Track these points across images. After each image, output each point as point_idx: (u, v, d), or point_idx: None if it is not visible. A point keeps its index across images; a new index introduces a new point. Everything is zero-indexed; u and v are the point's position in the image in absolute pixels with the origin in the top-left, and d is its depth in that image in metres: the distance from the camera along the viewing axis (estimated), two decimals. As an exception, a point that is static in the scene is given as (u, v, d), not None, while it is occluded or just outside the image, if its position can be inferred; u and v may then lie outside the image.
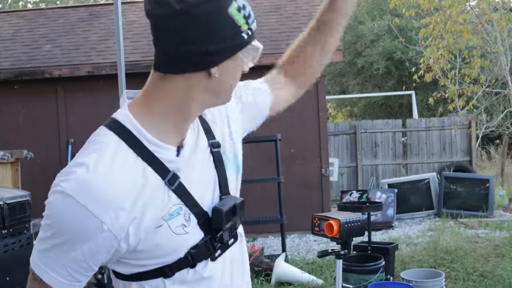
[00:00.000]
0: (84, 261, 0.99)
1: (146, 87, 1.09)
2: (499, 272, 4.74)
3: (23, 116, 7.20)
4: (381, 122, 10.61)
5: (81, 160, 0.98)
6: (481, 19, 8.20)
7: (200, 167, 1.10)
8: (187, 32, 0.95)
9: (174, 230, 1.03)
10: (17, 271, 3.37)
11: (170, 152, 1.05)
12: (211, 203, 1.10)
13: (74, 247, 0.97)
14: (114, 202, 0.96)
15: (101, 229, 0.95)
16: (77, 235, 0.96)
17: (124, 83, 4.13)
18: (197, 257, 1.08)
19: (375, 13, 17.66)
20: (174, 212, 1.04)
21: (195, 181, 1.08)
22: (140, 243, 1.00)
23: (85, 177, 0.95)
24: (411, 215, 7.81)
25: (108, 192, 0.95)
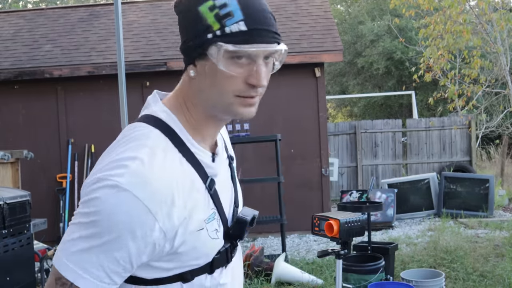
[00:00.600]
0: (128, 262, 0.93)
1: (179, 87, 1.08)
2: (499, 272, 4.74)
3: (23, 116, 7.20)
4: (381, 122, 10.61)
5: (131, 154, 0.93)
6: (481, 19, 8.20)
7: (224, 177, 1.13)
8: (180, 27, 1.03)
9: (210, 234, 1.03)
10: (17, 271, 3.37)
11: (208, 156, 1.05)
12: (229, 213, 1.12)
13: (121, 246, 0.90)
14: (169, 200, 0.93)
15: (153, 227, 0.92)
16: (128, 233, 0.90)
17: (124, 83, 4.13)
18: (217, 263, 1.07)
19: (375, 13, 17.66)
20: (211, 216, 1.04)
21: (223, 189, 1.10)
22: (183, 245, 0.98)
23: (141, 171, 0.91)
24: (411, 215, 7.81)
25: (164, 189, 0.92)
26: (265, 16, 0.97)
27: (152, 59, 7.06)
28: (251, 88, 0.98)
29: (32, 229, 3.72)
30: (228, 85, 0.97)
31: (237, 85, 0.97)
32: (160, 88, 1.24)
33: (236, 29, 0.94)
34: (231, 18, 0.94)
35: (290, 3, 8.34)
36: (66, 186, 7.03)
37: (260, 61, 0.97)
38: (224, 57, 0.96)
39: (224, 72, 0.96)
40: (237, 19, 0.94)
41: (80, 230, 0.91)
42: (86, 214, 0.91)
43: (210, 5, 0.95)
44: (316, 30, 7.58)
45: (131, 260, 0.93)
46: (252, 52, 0.95)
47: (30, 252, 3.62)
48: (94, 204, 0.90)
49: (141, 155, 0.93)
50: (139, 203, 0.89)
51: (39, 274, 4.08)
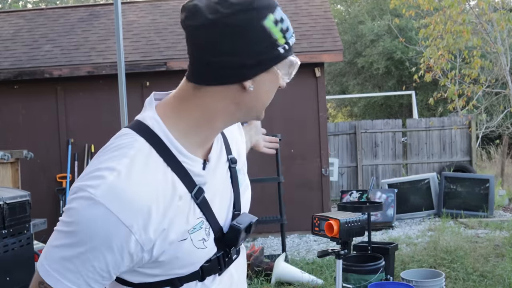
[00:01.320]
0: (105, 271, 0.94)
1: (177, 94, 1.05)
2: (499, 272, 4.74)
3: (23, 116, 7.20)
4: (381, 122, 10.61)
5: (111, 164, 0.94)
6: (481, 19, 8.20)
7: (220, 182, 1.11)
8: (222, 43, 0.94)
9: (195, 244, 1.02)
10: (17, 271, 3.37)
11: (197, 164, 1.04)
12: (226, 219, 1.10)
13: (97, 257, 0.92)
14: (145, 213, 0.93)
15: (128, 239, 0.92)
16: (103, 245, 0.91)
17: (124, 83, 4.13)
18: (208, 271, 1.07)
19: (375, 13, 17.66)
20: (197, 226, 1.03)
21: (216, 196, 1.08)
22: (163, 255, 0.98)
23: (116, 184, 0.91)
24: (411, 215, 7.81)
25: (140, 201, 0.92)
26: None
27: (152, 59, 7.06)
28: None
29: (32, 229, 3.72)
30: (272, 95, 1.07)
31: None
32: (160, 88, 1.24)
33: (291, 43, 1.01)
34: (289, 32, 1.00)
35: (290, 3, 8.34)
36: (66, 186, 7.03)
37: None
38: (287, 69, 1.04)
39: (274, 82, 1.03)
40: (292, 33, 1.01)
41: (61, 238, 0.93)
42: (66, 223, 0.93)
43: (274, 20, 0.97)
44: (316, 30, 7.58)
45: (108, 270, 0.94)
46: (295, 62, 1.04)
47: (30, 252, 3.62)
48: (71, 214, 0.92)
49: (120, 167, 0.93)
50: (112, 216, 0.90)
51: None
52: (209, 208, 1.05)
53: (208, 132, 1.05)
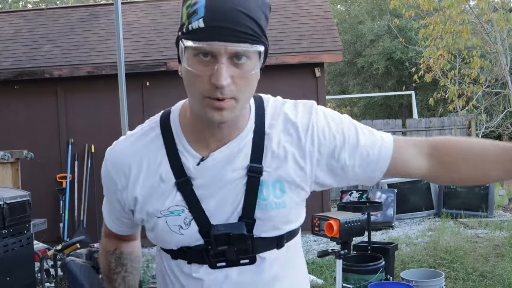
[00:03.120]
0: (117, 211, 1.18)
1: None
2: (499, 272, 4.75)
3: (23, 116, 7.20)
4: (381, 122, 10.61)
5: (122, 137, 1.17)
6: (481, 19, 8.20)
7: (224, 182, 1.08)
8: None
9: (170, 227, 1.09)
10: (17, 271, 3.37)
11: (192, 159, 1.08)
12: (225, 219, 1.09)
13: (110, 199, 1.18)
14: (126, 171, 1.11)
15: (116, 189, 1.13)
16: (108, 191, 1.17)
17: (124, 83, 4.13)
18: (191, 257, 1.12)
19: (375, 13, 17.66)
20: (175, 212, 1.09)
21: (212, 193, 1.08)
22: (146, 222, 1.13)
23: (114, 145, 1.16)
24: (411, 215, 7.81)
25: (123, 159, 1.12)
26: (232, 14, 0.93)
27: (152, 59, 7.06)
28: (216, 89, 0.95)
29: (32, 229, 3.72)
30: (196, 85, 0.97)
31: (204, 85, 0.96)
32: (160, 88, 1.26)
33: (196, 26, 0.94)
34: (195, 15, 0.95)
35: (290, 3, 8.34)
36: (66, 186, 7.03)
37: (222, 59, 0.94)
38: (189, 54, 0.97)
39: (192, 70, 0.97)
40: (199, 16, 0.94)
41: None
42: None
43: (188, 3, 0.97)
44: (316, 30, 7.58)
45: (119, 209, 1.18)
46: (210, 49, 0.94)
47: (30, 252, 3.62)
48: None
49: (121, 138, 1.16)
50: (107, 171, 1.14)
51: (39, 274, 4.08)
52: (195, 201, 1.08)
53: (205, 127, 1.06)
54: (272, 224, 1.10)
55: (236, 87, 0.97)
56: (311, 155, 1.11)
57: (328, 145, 1.11)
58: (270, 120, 1.12)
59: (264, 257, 1.13)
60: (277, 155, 1.09)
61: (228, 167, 1.08)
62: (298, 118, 1.12)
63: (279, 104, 1.15)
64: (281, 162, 1.09)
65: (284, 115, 1.12)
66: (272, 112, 1.13)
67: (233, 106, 0.99)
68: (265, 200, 1.08)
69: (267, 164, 1.09)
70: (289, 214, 1.12)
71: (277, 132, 1.10)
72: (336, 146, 1.11)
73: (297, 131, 1.11)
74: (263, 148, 1.09)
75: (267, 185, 1.09)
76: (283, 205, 1.10)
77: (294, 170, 1.10)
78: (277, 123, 1.12)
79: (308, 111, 1.14)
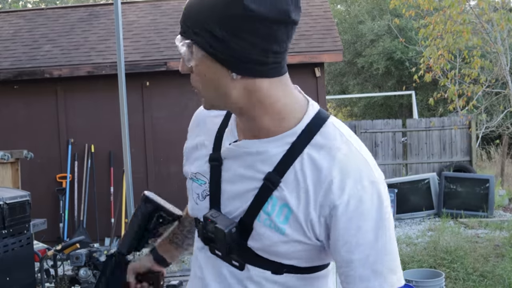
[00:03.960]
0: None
1: None
2: (499, 272, 4.74)
3: (23, 116, 7.19)
4: (381, 122, 10.60)
5: None
6: (481, 19, 8.20)
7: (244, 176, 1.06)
8: None
9: (192, 192, 1.16)
10: (17, 271, 3.37)
11: (232, 138, 1.10)
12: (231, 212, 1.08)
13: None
14: (194, 125, 1.23)
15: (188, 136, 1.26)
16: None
17: (124, 83, 4.13)
18: (199, 232, 1.16)
19: (375, 13, 17.66)
20: (199, 180, 1.14)
21: (234, 181, 1.08)
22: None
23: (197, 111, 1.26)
24: (411, 215, 7.81)
25: (196, 118, 1.24)
26: (186, 7, 1.01)
27: (152, 59, 7.06)
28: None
29: (32, 229, 3.72)
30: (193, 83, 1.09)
31: None
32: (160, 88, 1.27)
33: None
34: None
35: (290, 3, 8.32)
36: (66, 186, 7.02)
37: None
38: None
39: None
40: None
41: None
42: None
43: None
44: (316, 30, 7.57)
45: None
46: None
47: (30, 252, 3.62)
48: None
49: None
50: (192, 120, 1.26)
51: (39, 274, 4.07)
52: (218, 180, 1.09)
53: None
54: (265, 244, 1.04)
55: (194, 77, 1.04)
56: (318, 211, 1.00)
57: (338, 233, 0.99)
58: (315, 145, 1.02)
59: (250, 271, 1.08)
60: (298, 181, 1.01)
61: (252, 164, 1.05)
62: (342, 182, 0.98)
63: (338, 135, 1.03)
64: (298, 190, 1.01)
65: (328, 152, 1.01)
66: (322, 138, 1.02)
67: (199, 95, 1.06)
68: (267, 215, 1.03)
69: (285, 182, 1.02)
70: (289, 247, 1.03)
71: (311, 161, 1.01)
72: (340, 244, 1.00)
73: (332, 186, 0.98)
74: (291, 164, 1.02)
75: (274, 203, 1.03)
76: (281, 231, 1.02)
77: (303, 207, 1.00)
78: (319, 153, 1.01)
79: (363, 190, 0.98)
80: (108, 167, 7.06)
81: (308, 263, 1.07)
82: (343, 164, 0.99)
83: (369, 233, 0.98)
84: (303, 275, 1.08)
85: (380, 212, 0.99)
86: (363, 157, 1.02)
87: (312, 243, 1.03)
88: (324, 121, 1.05)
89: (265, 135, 1.04)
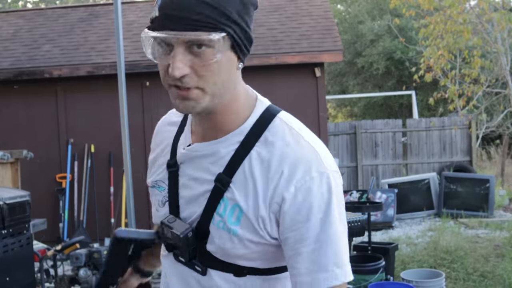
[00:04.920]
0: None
1: None
2: (499, 272, 4.74)
3: (23, 116, 7.19)
4: (381, 122, 10.60)
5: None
6: (481, 19, 8.19)
7: (195, 178, 1.06)
8: None
9: (154, 199, 1.16)
10: (17, 271, 3.36)
11: (186, 143, 1.10)
12: (189, 216, 1.06)
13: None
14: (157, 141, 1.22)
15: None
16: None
17: (124, 83, 4.13)
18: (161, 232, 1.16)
19: (375, 13, 17.65)
20: (160, 188, 1.14)
21: (190, 186, 1.07)
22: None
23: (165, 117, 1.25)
24: (411, 215, 7.81)
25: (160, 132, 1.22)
26: (185, 2, 0.90)
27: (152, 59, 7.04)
28: (176, 78, 0.94)
29: (31, 229, 3.72)
30: (161, 75, 0.99)
31: (167, 74, 0.96)
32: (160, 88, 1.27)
33: (154, 15, 0.94)
34: (156, 4, 0.94)
35: (290, 3, 8.33)
36: (65, 186, 7.02)
37: (178, 49, 0.92)
38: (153, 44, 0.97)
39: (153, 60, 0.98)
40: (157, 5, 0.94)
41: None
42: None
43: None
44: (316, 30, 7.57)
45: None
46: (163, 38, 0.93)
47: (30, 252, 3.62)
48: None
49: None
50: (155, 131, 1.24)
51: (38, 274, 4.07)
52: (175, 186, 1.09)
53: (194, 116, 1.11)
54: (221, 247, 1.02)
55: (198, 76, 0.94)
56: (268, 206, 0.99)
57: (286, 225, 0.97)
58: (264, 141, 1.01)
59: (212, 276, 1.06)
60: (247, 181, 1.00)
61: (204, 166, 1.04)
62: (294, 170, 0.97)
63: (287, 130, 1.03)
64: (247, 190, 1.00)
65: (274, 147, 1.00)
66: (271, 134, 1.02)
67: (199, 96, 0.95)
68: (220, 217, 1.01)
69: (235, 182, 1.01)
70: (243, 249, 1.01)
71: (258, 158, 1.00)
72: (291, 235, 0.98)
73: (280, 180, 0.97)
74: (240, 164, 1.01)
75: (226, 204, 1.01)
76: (234, 233, 1.00)
77: (252, 206, 0.99)
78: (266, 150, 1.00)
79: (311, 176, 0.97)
80: (108, 167, 7.06)
81: (268, 264, 1.06)
82: (291, 157, 0.98)
83: (316, 226, 0.96)
84: (266, 276, 1.06)
85: (329, 204, 0.98)
86: (313, 148, 1.01)
87: (266, 242, 1.01)
88: (272, 117, 1.04)
89: (223, 134, 1.03)
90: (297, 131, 1.03)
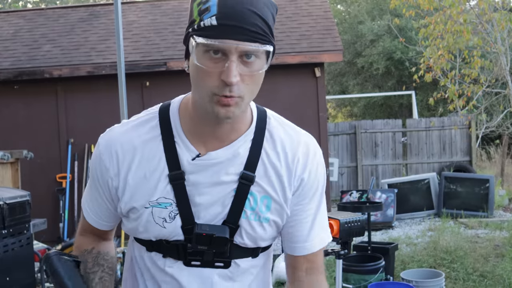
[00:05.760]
0: (102, 199, 1.17)
1: None
2: (499, 272, 4.74)
3: (23, 116, 7.20)
4: (381, 122, 10.60)
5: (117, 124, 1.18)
6: (481, 19, 8.19)
7: (216, 184, 1.10)
8: None
9: (155, 218, 1.10)
10: (17, 271, 3.37)
11: (190, 153, 1.09)
12: (209, 220, 1.11)
13: (97, 185, 1.15)
14: (115, 157, 1.11)
15: (107, 175, 1.12)
16: (97, 176, 1.14)
17: (124, 83, 4.13)
18: (167, 251, 1.13)
19: (375, 13, 17.65)
20: (163, 204, 1.10)
21: (202, 192, 1.10)
22: (129, 211, 1.13)
23: (107, 133, 1.15)
24: (411, 215, 7.81)
25: (114, 146, 1.11)
26: (243, 13, 0.95)
27: (152, 59, 7.06)
28: (225, 86, 0.97)
29: (32, 229, 3.72)
30: (206, 81, 0.99)
31: (213, 82, 0.98)
32: (160, 88, 1.26)
33: (208, 23, 0.96)
34: (207, 13, 0.97)
35: (290, 3, 8.33)
36: (66, 186, 7.03)
37: (233, 57, 0.96)
38: (199, 51, 0.98)
39: (201, 67, 0.98)
40: (211, 14, 0.96)
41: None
42: None
43: (198, 1, 0.99)
44: (316, 30, 7.57)
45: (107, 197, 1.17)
46: (222, 46, 0.96)
47: (30, 252, 3.62)
48: None
49: (116, 125, 1.16)
50: (100, 154, 1.13)
51: (38, 274, 4.08)
52: (184, 197, 1.09)
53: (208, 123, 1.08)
54: (253, 236, 1.13)
55: (244, 85, 0.99)
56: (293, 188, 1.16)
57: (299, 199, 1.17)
58: (269, 136, 1.14)
59: (239, 264, 1.16)
60: (269, 172, 1.13)
61: (223, 170, 1.10)
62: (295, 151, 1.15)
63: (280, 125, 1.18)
64: (271, 180, 1.13)
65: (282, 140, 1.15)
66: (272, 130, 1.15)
67: (238, 103, 1.01)
68: (252, 210, 1.12)
69: (258, 176, 1.12)
70: (270, 232, 1.16)
71: (272, 152, 1.14)
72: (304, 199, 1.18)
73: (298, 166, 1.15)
74: (258, 159, 1.12)
75: (255, 197, 1.12)
76: (266, 220, 1.13)
77: (280, 192, 1.14)
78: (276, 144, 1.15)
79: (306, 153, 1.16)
80: (108, 167, 7.06)
81: (271, 241, 1.21)
82: (301, 145, 1.16)
83: (318, 196, 1.19)
84: (267, 251, 1.22)
85: (324, 178, 1.20)
86: (306, 134, 1.20)
87: (283, 221, 1.17)
88: (265, 114, 1.18)
89: (233, 138, 1.10)
90: (286, 123, 1.19)
